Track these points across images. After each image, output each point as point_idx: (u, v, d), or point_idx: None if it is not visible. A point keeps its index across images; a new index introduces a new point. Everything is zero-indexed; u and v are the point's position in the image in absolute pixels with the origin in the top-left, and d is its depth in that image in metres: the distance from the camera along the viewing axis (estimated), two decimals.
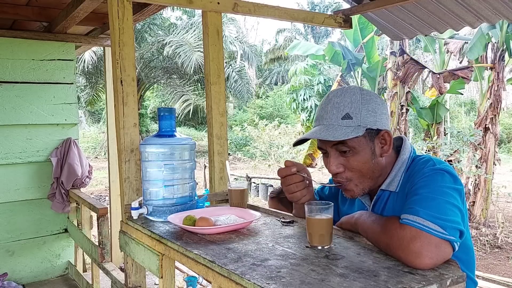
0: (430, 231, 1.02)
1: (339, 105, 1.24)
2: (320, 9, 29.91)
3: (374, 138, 1.24)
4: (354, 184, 1.27)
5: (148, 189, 1.63)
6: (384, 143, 1.26)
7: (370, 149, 1.24)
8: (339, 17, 2.50)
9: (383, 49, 16.71)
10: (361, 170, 1.24)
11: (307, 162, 7.95)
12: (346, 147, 1.22)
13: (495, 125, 6.76)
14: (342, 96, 1.25)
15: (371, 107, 1.23)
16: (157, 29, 15.01)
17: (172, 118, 1.68)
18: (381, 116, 1.25)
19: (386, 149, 1.26)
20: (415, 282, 0.92)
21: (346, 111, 1.22)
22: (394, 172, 1.28)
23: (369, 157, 1.24)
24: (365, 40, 7.77)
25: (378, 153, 1.25)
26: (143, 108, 16.84)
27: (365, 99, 1.24)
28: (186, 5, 1.95)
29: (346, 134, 1.19)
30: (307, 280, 0.95)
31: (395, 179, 1.27)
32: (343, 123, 1.22)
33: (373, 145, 1.24)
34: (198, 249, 1.21)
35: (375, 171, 1.26)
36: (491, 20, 2.54)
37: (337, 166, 1.25)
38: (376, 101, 1.25)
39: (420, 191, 1.13)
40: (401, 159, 1.28)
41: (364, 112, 1.22)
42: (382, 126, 1.24)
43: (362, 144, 1.23)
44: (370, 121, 1.23)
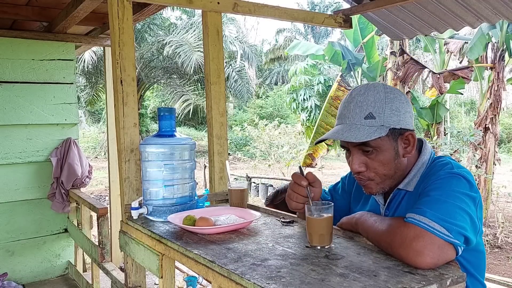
0: (434, 231, 1.01)
1: (362, 104, 1.21)
2: (320, 9, 29.90)
3: (397, 138, 1.22)
4: (375, 183, 1.25)
5: (148, 189, 1.63)
6: (407, 143, 1.24)
7: (393, 149, 1.22)
8: (339, 17, 2.50)
9: (383, 49, 16.71)
10: (383, 170, 1.23)
11: (307, 162, 7.95)
12: (369, 147, 1.20)
13: (495, 125, 6.76)
14: (365, 94, 1.22)
15: (395, 106, 1.20)
16: (157, 29, 15.02)
17: (172, 118, 1.68)
18: (405, 115, 1.22)
19: (409, 150, 1.24)
20: (415, 282, 0.92)
21: (369, 110, 1.19)
22: (413, 172, 1.26)
23: (392, 157, 1.22)
24: (365, 40, 7.77)
25: (401, 153, 1.23)
26: (143, 108, 16.84)
27: (389, 97, 1.21)
28: (186, 5, 1.95)
29: (369, 135, 1.17)
30: (307, 280, 0.95)
31: (413, 180, 1.25)
32: (366, 123, 1.19)
33: (397, 145, 1.22)
34: (198, 249, 1.21)
35: (397, 171, 1.24)
36: (491, 20, 2.54)
37: (360, 165, 1.24)
38: (400, 99, 1.22)
39: (431, 193, 1.12)
40: (421, 160, 1.27)
41: (388, 111, 1.19)
42: (406, 126, 1.22)
43: (385, 144, 1.20)
44: (394, 120, 1.20)
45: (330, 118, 7.72)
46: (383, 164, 1.22)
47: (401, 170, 1.25)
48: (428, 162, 1.27)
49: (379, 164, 1.22)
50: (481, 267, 1.25)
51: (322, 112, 7.85)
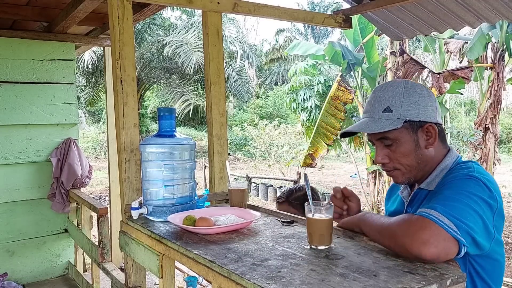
0: (442, 224, 1.02)
1: (381, 98, 1.28)
2: (320, 9, 29.91)
3: (417, 130, 1.26)
4: (401, 173, 1.30)
5: (148, 189, 1.63)
6: (429, 135, 1.27)
7: (413, 140, 1.26)
8: (339, 17, 2.50)
9: (383, 49, 16.71)
10: (405, 161, 1.27)
11: (307, 162, 7.94)
12: (389, 140, 1.26)
13: (495, 125, 6.76)
14: (385, 90, 1.29)
15: (414, 100, 1.25)
16: (157, 29, 15.02)
17: (172, 118, 1.68)
18: (426, 108, 1.26)
19: (432, 142, 1.27)
20: (415, 282, 0.92)
21: (387, 104, 1.26)
22: (435, 173, 1.29)
23: (413, 148, 1.26)
24: (365, 40, 7.76)
25: (422, 145, 1.27)
26: (143, 108, 16.83)
27: (408, 92, 1.26)
28: (186, 5, 1.95)
29: (384, 127, 1.23)
30: (307, 280, 0.95)
31: (435, 180, 1.28)
32: (384, 116, 1.26)
33: (417, 137, 1.26)
34: (198, 249, 1.21)
35: (420, 162, 1.28)
36: (491, 20, 2.54)
37: (382, 157, 1.29)
38: (421, 94, 1.27)
39: (446, 191, 1.13)
40: (445, 162, 1.30)
41: (405, 105, 1.25)
42: (426, 118, 1.26)
43: (404, 136, 1.25)
44: (412, 113, 1.24)
45: (330, 118, 7.72)
46: (404, 155, 1.27)
47: (425, 161, 1.28)
48: (452, 165, 1.29)
49: (401, 155, 1.27)
50: (496, 276, 1.23)
51: (322, 112, 7.84)
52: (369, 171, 8.22)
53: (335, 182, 12.00)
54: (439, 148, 1.31)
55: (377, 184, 8.00)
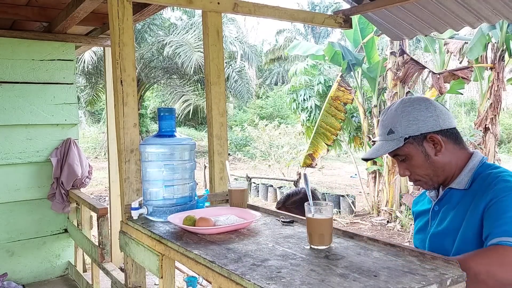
0: None
1: (384, 123, 1.44)
2: (320, 9, 29.91)
3: (422, 143, 1.37)
4: (424, 182, 1.41)
5: (148, 189, 1.63)
6: (436, 143, 1.37)
7: (421, 152, 1.38)
8: (339, 17, 2.50)
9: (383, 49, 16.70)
10: (421, 171, 1.39)
11: (307, 162, 7.94)
12: (402, 156, 1.41)
13: (495, 125, 6.76)
14: (387, 114, 1.44)
15: (412, 116, 1.38)
16: (157, 29, 15.01)
17: (172, 118, 1.68)
18: (426, 120, 1.37)
19: (439, 149, 1.37)
20: (415, 282, 0.92)
21: (390, 127, 1.41)
22: (464, 172, 1.37)
23: (423, 159, 1.38)
24: (365, 40, 7.76)
25: (431, 154, 1.37)
26: (143, 108, 16.84)
27: (406, 111, 1.39)
28: (186, 5, 1.95)
29: (388, 149, 1.39)
30: (307, 281, 0.95)
31: (464, 179, 1.37)
32: (389, 138, 1.40)
33: (423, 148, 1.37)
34: (198, 249, 1.21)
35: (436, 169, 1.38)
36: (491, 20, 2.54)
37: (404, 171, 1.43)
38: (418, 109, 1.38)
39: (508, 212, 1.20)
40: (472, 162, 1.38)
41: (405, 123, 1.38)
42: (427, 130, 1.36)
43: (412, 150, 1.38)
44: (412, 129, 1.37)
45: (330, 118, 7.72)
46: (418, 167, 1.39)
47: (440, 166, 1.38)
48: (479, 164, 1.38)
49: (415, 168, 1.40)
50: None
51: (322, 112, 7.84)
52: (369, 172, 8.22)
53: (335, 182, 12.00)
54: (456, 151, 1.40)
55: (377, 184, 7.99)
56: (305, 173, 1.45)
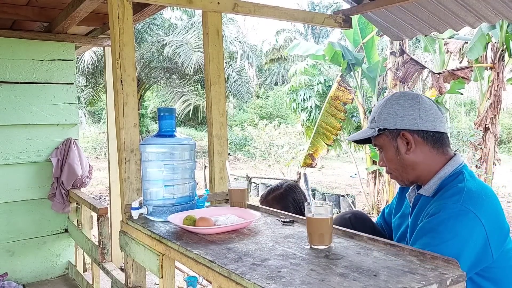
0: None
1: (372, 113, 1.48)
2: (320, 9, 29.91)
3: (396, 138, 1.40)
4: (395, 175, 1.45)
5: (148, 189, 1.63)
6: (407, 142, 1.39)
7: (393, 147, 1.41)
8: (339, 17, 2.50)
9: (383, 49, 16.70)
10: (390, 165, 1.43)
11: (307, 162, 7.95)
12: (378, 146, 1.46)
13: (495, 125, 6.76)
14: (376, 106, 1.48)
15: (393, 111, 1.40)
16: (157, 29, 15.01)
17: (172, 118, 1.68)
18: (404, 117, 1.38)
19: (410, 148, 1.38)
20: (415, 281, 0.92)
21: (374, 116, 1.46)
22: (433, 180, 1.37)
23: (394, 154, 1.41)
24: (365, 40, 7.76)
25: (402, 150, 1.39)
26: (143, 108, 16.83)
27: (390, 103, 1.41)
28: (186, 5, 1.95)
29: (363, 135, 1.46)
30: (307, 280, 0.95)
31: (432, 186, 1.37)
32: (370, 126, 1.46)
33: (396, 143, 1.40)
34: (198, 249, 1.21)
35: (404, 166, 1.40)
36: (491, 20, 2.54)
37: (380, 161, 1.48)
38: (402, 105, 1.39)
39: (434, 236, 1.20)
40: (444, 170, 1.37)
41: (384, 116, 1.41)
42: (404, 126, 1.38)
43: (386, 143, 1.42)
44: (389, 123, 1.40)
45: (330, 118, 7.72)
46: (389, 160, 1.43)
47: (409, 165, 1.39)
48: (452, 172, 1.35)
49: (387, 160, 1.44)
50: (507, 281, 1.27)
51: (322, 112, 7.84)
52: (369, 171, 8.22)
53: (335, 182, 12.00)
54: (432, 154, 1.38)
55: (377, 184, 8.00)
56: (305, 173, 1.45)
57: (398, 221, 1.54)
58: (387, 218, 1.66)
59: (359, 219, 1.56)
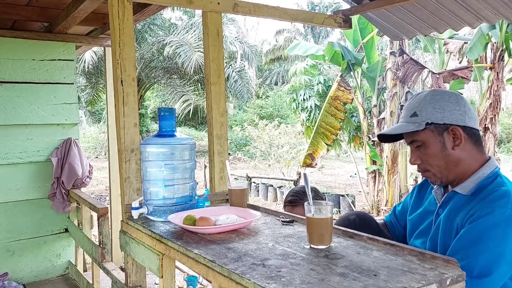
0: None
1: (410, 106, 1.43)
2: (320, 9, 29.90)
3: (443, 133, 1.36)
4: (432, 173, 1.40)
5: (149, 189, 1.63)
6: (456, 138, 1.36)
7: (439, 142, 1.36)
8: (339, 17, 2.50)
9: (383, 49, 16.70)
10: (433, 161, 1.38)
11: (307, 162, 7.95)
12: (418, 142, 1.39)
13: (494, 125, 6.76)
14: (415, 99, 1.44)
15: (439, 105, 1.37)
16: (157, 29, 15.02)
17: (172, 118, 1.69)
18: (452, 112, 1.36)
19: (458, 143, 1.36)
20: (414, 281, 0.92)
21: (414, 110, 1.40)
22: (471, 179, 1.36)
23: (439, 149, 1.36)
24: (364, 40, 7.77)
25: (449, 146, 1.36)
26: (143, 108, 16.83)
27: (435, 98, 1.38)
28: (186, 5, 1.96)
29: (408, 128, 1.38)
30: (307, 280, 0.95)
31: (470, 185, 1.35)
32: (411, 120, 1.39)
33: (442, 138, 1.36)
34: (198, 249, 1.21)
35: (449, 162, 1.37)
36: (490, 20, 2.55)
37: (415, 159, 1.42)
38: (448, 100, 1.38)
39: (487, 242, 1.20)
40: (482, 170, 1.36)
41: (430, 110, 1.37)
42: (451, 121, 1.35)
43: (430, 138, 1.37)
44: (436, 117, 1.36)
45: (330, 118, 7.72)
46: (432, 156, 1.37)
47: (453, 161, 1.36)
48: (489, 175, 1.36)
49: (429, 156, 1.38)
50: None
51: (322, 112, 7.85)
52: (368, 171, 8.22)
53: (335, 182, 12.00)
54: (474, 152, 1.38)
55: (376, 184, 8.00)
56: (305, 173, 1.45)
57: (417, 218, 1.52)
58: (399, 216, 1.66)
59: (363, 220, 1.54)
